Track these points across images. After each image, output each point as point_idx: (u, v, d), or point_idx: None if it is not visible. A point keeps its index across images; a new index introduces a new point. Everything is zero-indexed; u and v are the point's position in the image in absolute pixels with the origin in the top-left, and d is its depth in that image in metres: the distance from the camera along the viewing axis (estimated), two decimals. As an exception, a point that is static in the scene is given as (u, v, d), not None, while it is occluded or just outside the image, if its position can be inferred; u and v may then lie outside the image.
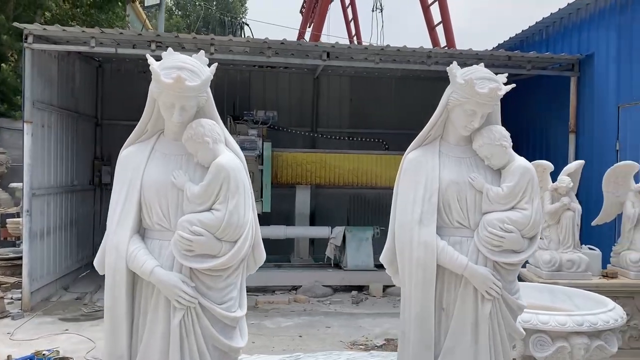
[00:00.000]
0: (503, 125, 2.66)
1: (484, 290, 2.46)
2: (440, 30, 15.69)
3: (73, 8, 15.71)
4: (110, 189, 9.70)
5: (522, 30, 9.37)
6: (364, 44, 13.19)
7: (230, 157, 2.37)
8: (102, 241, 2.49)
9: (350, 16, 20.38)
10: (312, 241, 9.47)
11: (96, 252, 2.44)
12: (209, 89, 2.43)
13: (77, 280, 8.79)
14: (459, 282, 2.51)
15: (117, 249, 2.29)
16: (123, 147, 2.53)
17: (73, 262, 8.79)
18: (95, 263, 2.50)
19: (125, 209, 2.34)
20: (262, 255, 2.43)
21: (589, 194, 6.49)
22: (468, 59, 8.03)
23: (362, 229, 8.69)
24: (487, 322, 2.47)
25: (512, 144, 2.58)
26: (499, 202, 2.50)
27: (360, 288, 8.46)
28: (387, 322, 7.04)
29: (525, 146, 8.91)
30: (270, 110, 9.05)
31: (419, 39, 20.78)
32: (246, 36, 12.92)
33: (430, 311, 2.49)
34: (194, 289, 2.27)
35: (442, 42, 15.39)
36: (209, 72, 2.37)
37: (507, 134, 2.58)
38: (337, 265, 8.59)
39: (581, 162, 5.24)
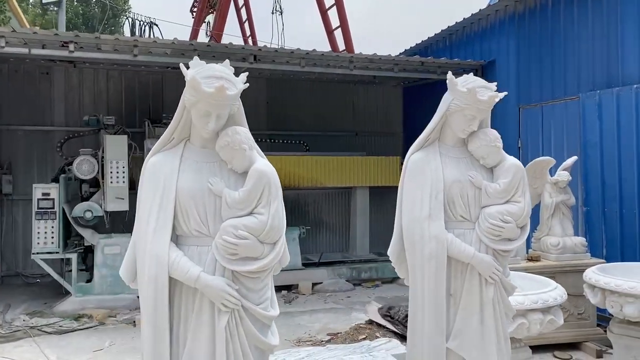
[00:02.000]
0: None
1: (488, 276, 2.77)
2: (338, 33, 16.30)
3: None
4: (12, 199, 9.01)
5: (428, 37, 10.08)
6: (273, 45, 13.30)
7: (266, 162, 2.45)
8: (128, 251, 2.46)
9: (244, 17, 20.41)
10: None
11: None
12: (239, 98, 2.50)
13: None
14: (464, 270, 2.80)
15: (158, 257, 2.28)
16: (149, 155, 2.50)
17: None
18: (121, 273, 2.46)
19: (161, 217, 2.33)
20: (287, 256, 2.54)
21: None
22: (386, 63, 8.53)
23: (288, 230, 8.77)
24: (491, 303, 2.79)
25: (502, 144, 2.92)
26: (497, 197, 2.83)
27: (289, 287, 8.65)
28: (324, 318, 7.30)
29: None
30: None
31: (318, 42, 21.27)
32: (155, 36, 12.51)
33: (443, 298, 2.75)
34: (237, 292, 2.33)
35: (341, 45, 16.00)
36: (242, 81, 2.44)
37: (499, 136, 2.92)
38: (266, 267, 8.68)
39: (575, 157, 5.98)
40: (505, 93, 2.91)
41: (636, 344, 4.62)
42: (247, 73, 2.50)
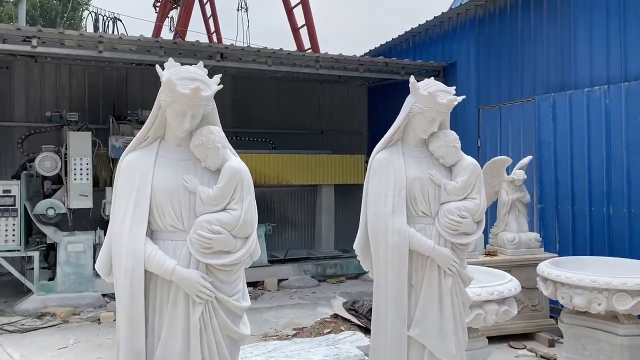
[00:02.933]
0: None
1: (447, 268, 2.96)
2: (304, 32, 16.43)
3: None
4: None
5: (392, 39, 10.30)
6: (249, 45, 13.32)
7: (239, 160, 2.56)
8: (104, 246, 2.53)
9: (209, 13, 20.32)
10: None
11: None
12: (213, 99, 2.60)
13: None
14: (425, 263, 2.98)
15: (135, 251, 2.37)
16: (124, 153, 2.58)
17: None
18: (97, 267, 2.53)
19: (137, 213, 2.41)
20: (258, 251, 2.66)
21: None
22: (351, 63, 8.70)
23: (255, 226, 8.94)
24: (449, 294, 2.97)
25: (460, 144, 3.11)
26: (455, 194, 3.02)
27: (255, 284, 8.74)
28: (289, 313, 7.43)
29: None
30: (155, 110, 8.87)
31: (284, 40, 21.34)
32: (119, 32, 12.33)
33: (404, 288, 2.92)
34: (211, 284, 2.44)
35: (307, 44, 16.14)
36: (216, 82, 2.55)
37: (458, 137, 3.10)
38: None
39: (530, 157, 6.26)
40: (464, 97, 3.10)
41: (585, 332, 4.92)
42: (220, 75, 2.60)
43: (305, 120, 11.19)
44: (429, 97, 2.94)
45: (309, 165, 9.81)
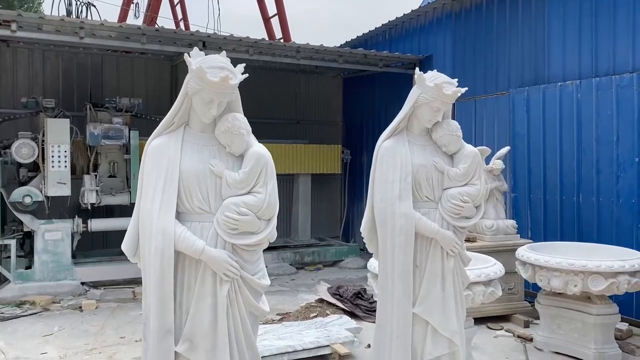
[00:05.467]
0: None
1: (449, 249, 3.15)
2: (275, 22, 16.44)
3: None
4: None
5: (369, 30, 10.48)
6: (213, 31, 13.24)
7: (262, 146, 2.69)
8: (130, 227, 2.62)
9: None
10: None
11: None
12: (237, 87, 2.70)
13: None
14: (429, 244, 3.17)
15: (165, 232, 2.46)
16: (151, 137, 2.66)
17: None
18: (124, 247, 2.62)
19: (166, 194, 2.51)
20: (275, 233, 2.78)
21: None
22: (331, 54, 8.84)
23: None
24: (451, 273, 3.18)
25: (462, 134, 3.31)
26: (457, 180, 3.22)
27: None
28: (271, 299, 7.39)
29: (373, 134, 10.09)
30: (134, 97, 8.82)
31: (254, 29, 21.25)
32: (92, 18, 12.07)
33: (410, 268, 3.11)
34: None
35: (278, 33, 16.17)
36: (241, 72, 2.65)
37: (459, 126, 3.29)
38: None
39: (508, 148, 6.50)
40: (466, 88, 3.29)
41: (560, 313, 5.24)
42: (244, 64, 2.70)
43: (281, 110, 11.27)
44: (436, 89, 3.11)
45: (286, 155, 9.92)
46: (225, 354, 2.49)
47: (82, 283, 7.93)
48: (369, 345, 5.25)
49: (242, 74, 2.67)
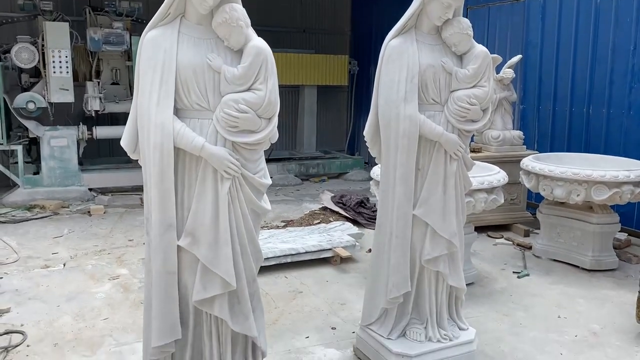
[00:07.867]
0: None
1: (453, 152, 3.11)
2: None
3: None
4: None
5: None
6: None
7: (262, 40, 2.57)
8: (129, 123, 2.57)
9: None
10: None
11: None
12: None
13: None
14: (432, 148, 3.12)
15: (163, 127, 2.41)
16: (146, 29, 2.55)
17: None
18: (123, 143, 2.59)
19: (164, 88, 2.43)
20: (276, 133, 2.73)
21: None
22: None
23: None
24: (454, 176, 3.16)
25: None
26: (465, 81, 3.11)
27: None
28: (276, 208, 7.66)
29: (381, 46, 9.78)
30: (134, 1, 8.51)
31: None
32: None
33: (412, 171, 3.08)
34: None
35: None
36: None
37: (470, 25, 3.14)
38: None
39: (520, 56, 6.30)
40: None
41: (560, 222, 5.29)
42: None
43: (287, 17, 10.89)
44: (447, -17, 2.94)
45: (291, 65, 9.69)
46: (227, 247, 2.52)
47: (90, 189, 8.05)
48: (369, 250, 5.36)
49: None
